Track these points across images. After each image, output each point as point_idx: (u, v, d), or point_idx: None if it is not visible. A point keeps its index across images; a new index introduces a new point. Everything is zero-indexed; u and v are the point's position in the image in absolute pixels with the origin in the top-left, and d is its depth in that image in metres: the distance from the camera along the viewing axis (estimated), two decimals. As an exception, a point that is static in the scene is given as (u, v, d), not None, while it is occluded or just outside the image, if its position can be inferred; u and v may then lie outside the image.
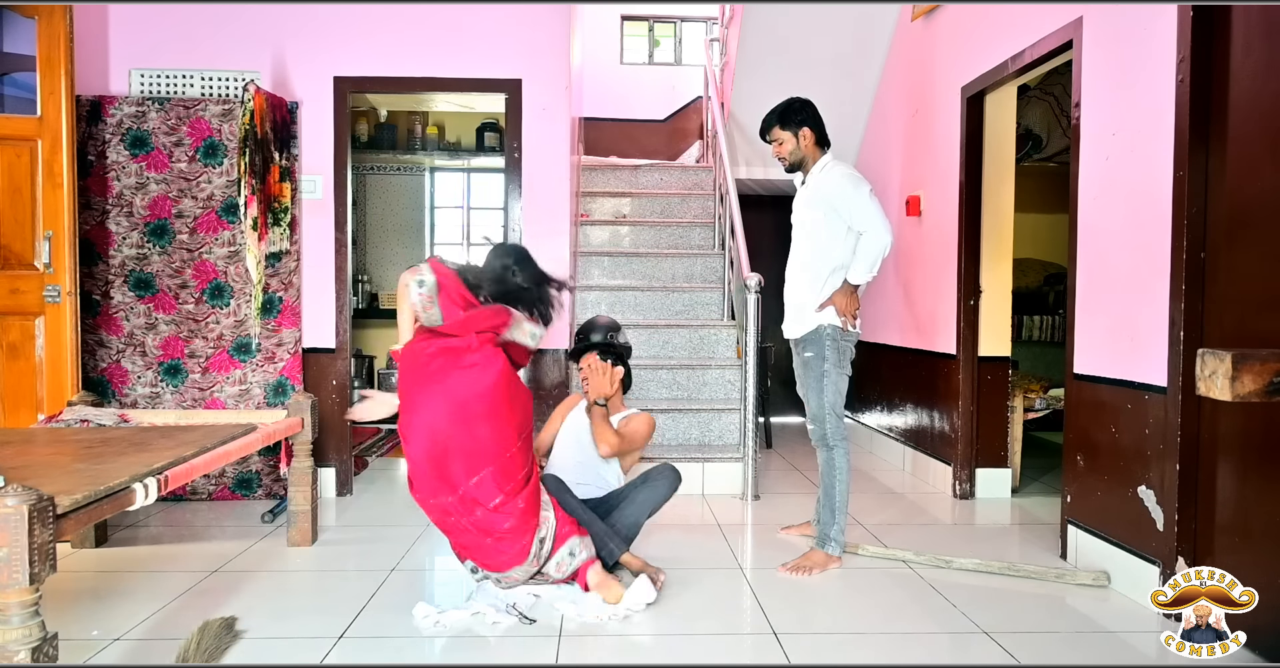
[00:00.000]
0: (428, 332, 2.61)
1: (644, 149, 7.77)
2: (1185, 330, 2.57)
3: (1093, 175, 3.11)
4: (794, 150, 3.22)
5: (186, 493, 4.03)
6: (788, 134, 3.21)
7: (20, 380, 3.51)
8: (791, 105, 3.23)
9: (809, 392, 3.18)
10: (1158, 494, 2.69)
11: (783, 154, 3.25)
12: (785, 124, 3.21)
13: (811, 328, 3.15)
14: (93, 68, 4.04)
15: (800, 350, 3.21)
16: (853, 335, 3.17)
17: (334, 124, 4.20)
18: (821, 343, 3.13)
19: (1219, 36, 2.50)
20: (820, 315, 3.12)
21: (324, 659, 2.30)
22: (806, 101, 3.25)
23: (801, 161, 3.24)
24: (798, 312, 3.20)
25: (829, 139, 3.26)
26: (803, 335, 3.18)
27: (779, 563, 3.11)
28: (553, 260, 4.38)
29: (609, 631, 2.53)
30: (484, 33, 4.28)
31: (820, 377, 3.14)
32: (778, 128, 3.22)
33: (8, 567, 1.63)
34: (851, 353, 3.19)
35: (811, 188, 3.21)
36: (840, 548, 3.11)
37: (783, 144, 3.23)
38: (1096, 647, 2.45)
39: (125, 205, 3.98)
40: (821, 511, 3.17)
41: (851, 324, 3.13)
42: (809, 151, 3.22)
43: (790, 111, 3.21)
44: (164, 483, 2.19)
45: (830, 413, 3.13)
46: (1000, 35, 3.82)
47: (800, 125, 3.19)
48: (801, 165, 3.26)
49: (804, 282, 3.19)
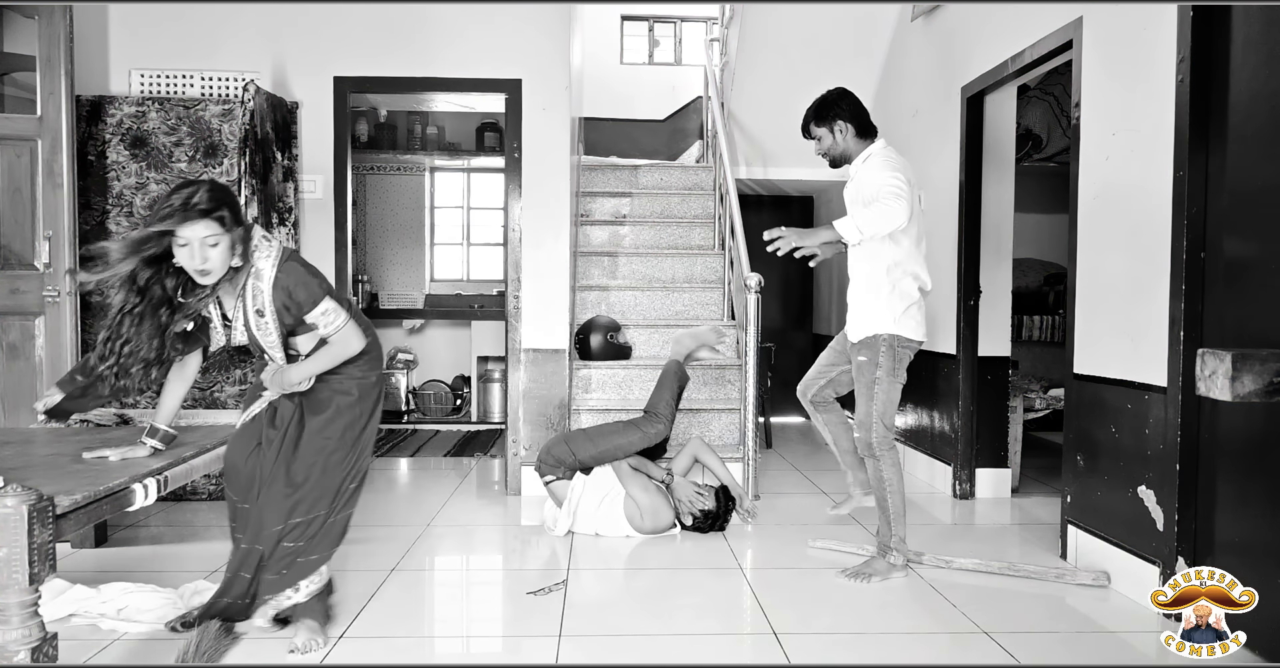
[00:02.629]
0: None
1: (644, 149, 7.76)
2: (1185, 330, 2.57)
3: (1093, 175, 3.11)
4: (833, 145, 3.05)
5: (187, 493, 4.03)
6: (824, 130, 3.05)
7: (20, 380, 3.50)
8: (826, 100, 3.06)
9: (859, 397, 3.04)
10: (1158, 494, 2.69)
11: (822, 151, 3.10)
12: (821, 120, 3.05)
13: (868, 334, 2.98)
14: (93, 68, 4.04)
15: (854, 354, 3.07)
16: (913, 344, 2.99)
17: (334, 124, 4.20)
18: (876, 349, 2.96)
19: (1219, 36, 2.50)
20: (877, 323, 2.95)
21: (324, 659, 2.30)
22: (844, 92, 3.07)
23: (844, 155, 3.07)
24: (855, 315, 3.05)
25: (874, 126, 3.07)
26: (859, 341, 3.02)
27: (779, 563, 3.11)
28: (553, 260, 4.39)
29: (609, 630, 2.52)
30: (484, 32, 4.28)
31: (871, 384, 2.98)
32: (814, 125, 3.07)
33: (8, 567, 1.63)
34: (909, 360, 3.02)
35: (855, 182, 3.04)
36: (904, 558, 3.01)
37: (821, 141, 3.07)
38: (1096, 647, 2.45)
39: (125, 205, 3.98)
40: (879, 522, 3.08)
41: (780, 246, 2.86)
42: (850, 144, 3.04)
43: (825, 106, 3.04)
44: (164, 483, 2.19)
45: (878, 422, 2.98)
46: (1000, 35, 3.82)
47: (835, 119, 3.01)
48: (844, 158, 3.08)
49: (861, 285, 3.03)
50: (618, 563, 3.24)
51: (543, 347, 4.36)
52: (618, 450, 3.57)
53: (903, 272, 2.95)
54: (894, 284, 2.95)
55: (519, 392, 4.35)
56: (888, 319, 2.94)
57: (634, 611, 2.73)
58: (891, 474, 3.01)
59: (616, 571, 3.18)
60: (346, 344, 2.33)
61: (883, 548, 3.05)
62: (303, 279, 2.26)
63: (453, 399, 6.76)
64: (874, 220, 2.77)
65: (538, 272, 4.37)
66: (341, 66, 4.21)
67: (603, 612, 2.72)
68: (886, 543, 3.03)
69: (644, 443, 3.61)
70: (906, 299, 2.95)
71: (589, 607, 2.73)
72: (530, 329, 4.37)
